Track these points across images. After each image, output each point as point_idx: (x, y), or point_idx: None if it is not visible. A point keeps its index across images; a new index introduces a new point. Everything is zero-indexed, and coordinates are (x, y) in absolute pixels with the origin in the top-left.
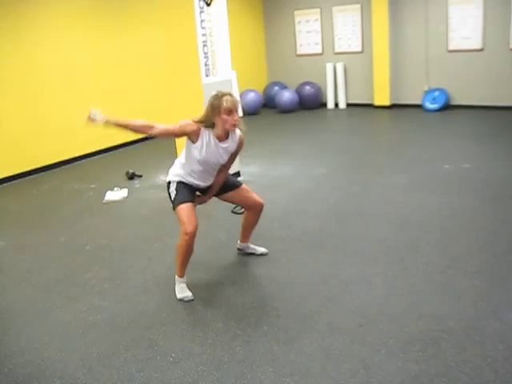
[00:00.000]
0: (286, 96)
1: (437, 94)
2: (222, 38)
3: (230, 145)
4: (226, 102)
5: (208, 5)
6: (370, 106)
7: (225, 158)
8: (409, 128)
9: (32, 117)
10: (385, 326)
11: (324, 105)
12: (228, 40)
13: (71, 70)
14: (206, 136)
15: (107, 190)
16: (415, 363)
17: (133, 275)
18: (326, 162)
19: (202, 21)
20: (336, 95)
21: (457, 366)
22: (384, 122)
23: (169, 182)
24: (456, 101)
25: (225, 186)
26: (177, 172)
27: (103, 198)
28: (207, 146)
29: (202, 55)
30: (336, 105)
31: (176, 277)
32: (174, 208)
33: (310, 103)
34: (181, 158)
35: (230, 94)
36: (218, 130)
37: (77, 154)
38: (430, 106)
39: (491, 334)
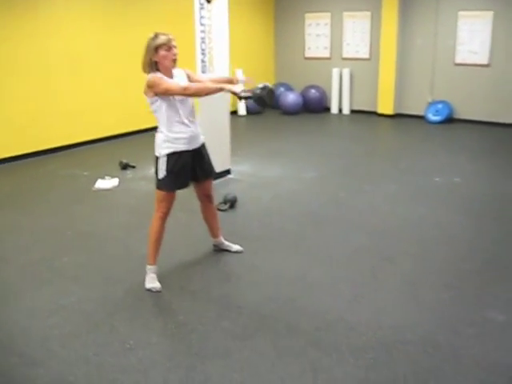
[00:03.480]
0: (291, 98)
1: (440, 106)
2: (221, 35)
3: (180, 80)
4: (160, 38)
5: (208, 2)
6: (374, 113)
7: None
8: (408, 138)
9: (35, 101)
10: (342, 332)
11: (328, 109)
12: (227, 38)
13: (78, 58)
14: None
15: (98, 178)
16: (364, 370)
17: (107, 263)
18: (319, 167)
19: (201, 17)
20: (340, 100)
21: (404, 377)
22: (385, 130)
23: (157, 158)
24: (459, 114)
25: (206, 166)
26: (162, 137)
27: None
28: None
29: (199, 52)
30: (340, 110)
31: (147, 266)
32: (156, 186)
33: (314, 107)
34: (161, 124)
35: (163, 32)
36: (162, 69)
37: (75, 141)
38: (432, 117)
39: (445, 348)
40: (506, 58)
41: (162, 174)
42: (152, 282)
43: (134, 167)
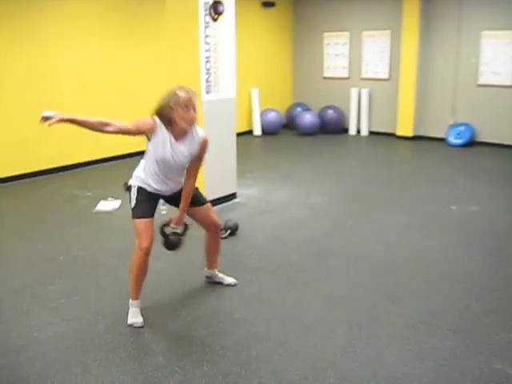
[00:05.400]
0: (307, 118)
1: (462, 128)
2: (227, 54)
3: (189, 146)
4: (181, 97)
5: (214, 20)
6: (392, 135)
7: (184, 161)
8: (427, 162)
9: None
10: (332, 383)
11: (346, 130)
12: (234, 57)
13: (83, 74)
14: (163, 133)
15: (101, 199)
16: None
17: (93, 292)
18: (330, 191)
19: (206, 36)
20: (359, 122)
21: None
22: (403, 153)
23: (130, 186)
24: (481, 137)
25: (192, 199)
26: (138, 174)
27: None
28: (163, 145)
29: (203, 71)
30: (358, 131)
31: (130, 300)
32: (132, 216)
33: (332, 128)
34: (143, 159)
35: (187, 89)
36: (175, 128)
37: (82, 160)
38: (453, 140)
39: None
40: None
41: (133, 202)
42: (134, 317)
43: None
